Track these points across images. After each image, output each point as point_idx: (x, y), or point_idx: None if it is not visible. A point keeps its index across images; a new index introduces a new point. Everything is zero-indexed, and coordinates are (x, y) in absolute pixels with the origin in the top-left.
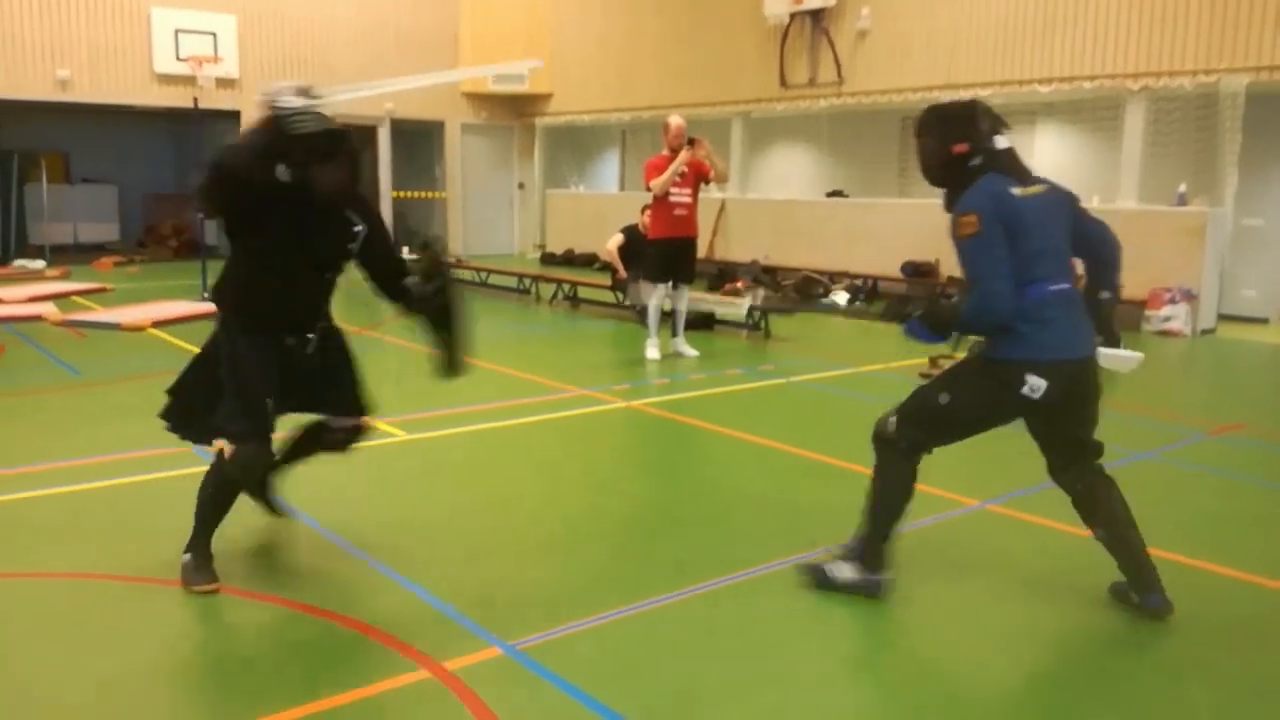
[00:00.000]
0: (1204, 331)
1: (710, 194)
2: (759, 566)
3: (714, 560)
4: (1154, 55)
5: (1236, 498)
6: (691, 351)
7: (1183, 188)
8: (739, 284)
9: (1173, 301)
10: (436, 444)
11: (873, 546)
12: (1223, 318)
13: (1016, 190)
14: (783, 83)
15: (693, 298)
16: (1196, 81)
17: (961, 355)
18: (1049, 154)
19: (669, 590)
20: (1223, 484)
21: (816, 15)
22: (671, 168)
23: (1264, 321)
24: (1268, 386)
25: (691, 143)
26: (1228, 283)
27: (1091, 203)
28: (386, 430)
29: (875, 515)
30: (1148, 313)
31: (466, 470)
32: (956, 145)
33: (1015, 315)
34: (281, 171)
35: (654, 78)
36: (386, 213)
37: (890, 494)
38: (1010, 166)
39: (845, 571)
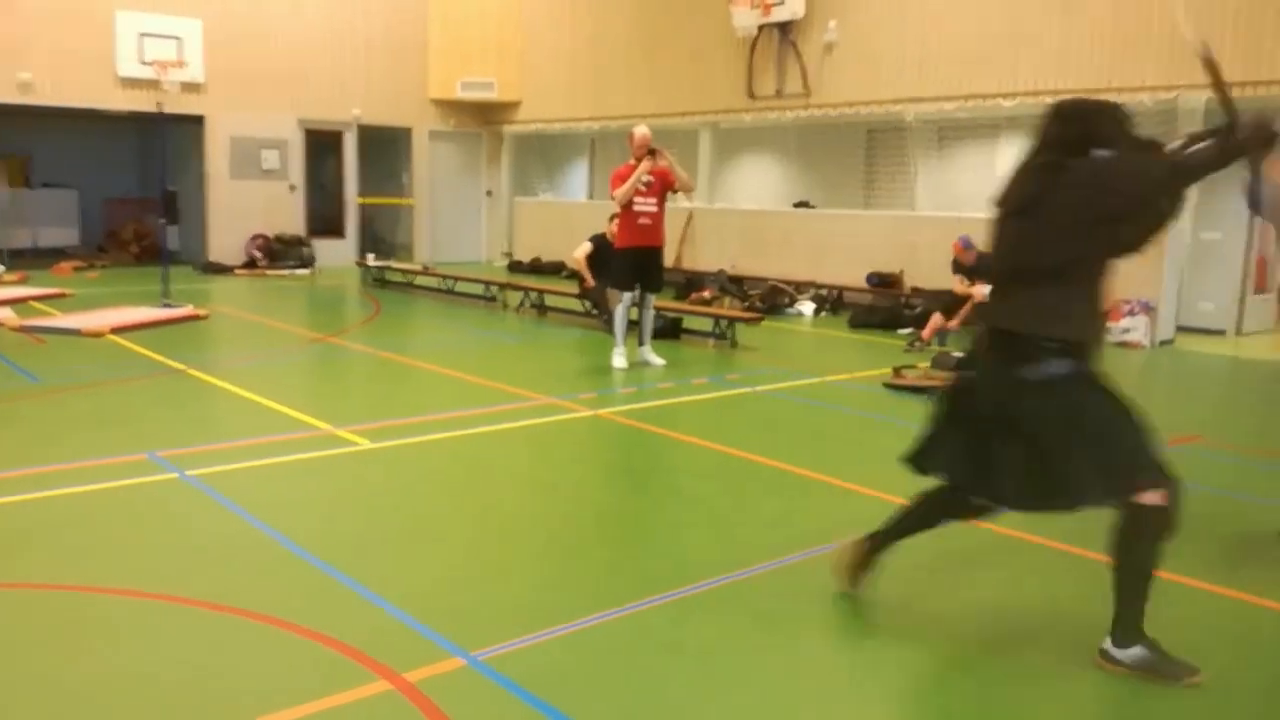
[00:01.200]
0: (1163, 343)
1: (678, 204)
2: (724, 576)
3: (679, 570)
4: (1115, 72)
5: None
6: (658, 360)
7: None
8: (706, 293)
9: (1132, 314)
10: (401, 453)
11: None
12: (1181, 329)
13: None
14: (751, 94)
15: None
16: (1156, 98)
17: (924, 366)
18: (1004, 169)
19: (634, 600)
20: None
21: (785, 27)
22: (632, 178)
23: (1221, 334)
24: (1223, 398)
25: (652, 153)
26: (1186, 295)
27: None
28: (349, 439)
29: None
30: (1108, 325)
31: (431, 480)
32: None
33: None
34: None
35: (623, 87)
36: (352, 220)
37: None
38: None
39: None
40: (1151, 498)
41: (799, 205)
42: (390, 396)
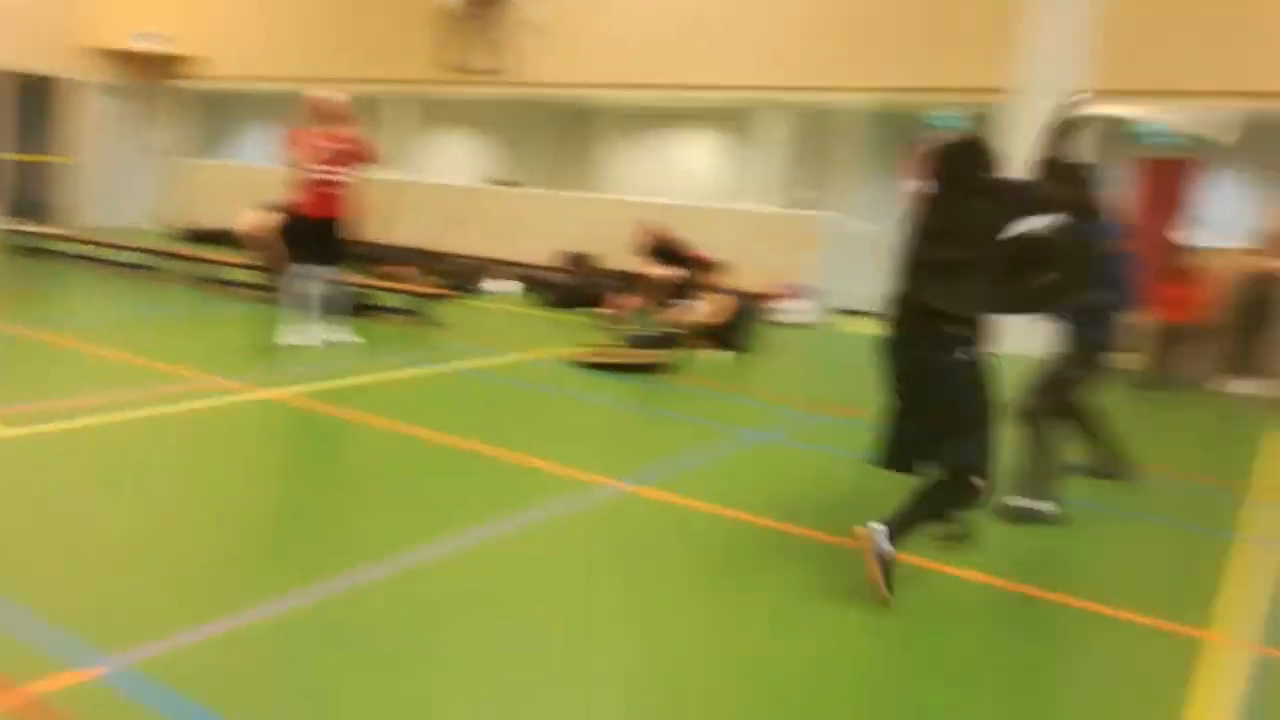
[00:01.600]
0: (822, 323)
1: (373, 175)
2: (396, 561)
3: (349, 557)
4: (790, 71)
5: (828, 474)
6: (346, 338)
7: (807, 193)
8: (400, 268)
9: (799, 296)
10: (42, 441)
11: None
12: (839, 311)
13: None
14: (452, 67)
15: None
16: (824, 99)
17: (613, 344)
18: (697, 156)
19: (298, 591)
20: (837, 461)
21: (490, 2)
22: (304, 144)
23: (873, 314)
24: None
25: (334, 119)
26: (844, 279)
27: (732, 205)
28: None
29: None
30: (778, 306)
31: (76, 470)
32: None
33: None
34: None
35: (314, 48)
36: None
37: None
38: None
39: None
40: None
41: (502, 183)
42: (32, 379)
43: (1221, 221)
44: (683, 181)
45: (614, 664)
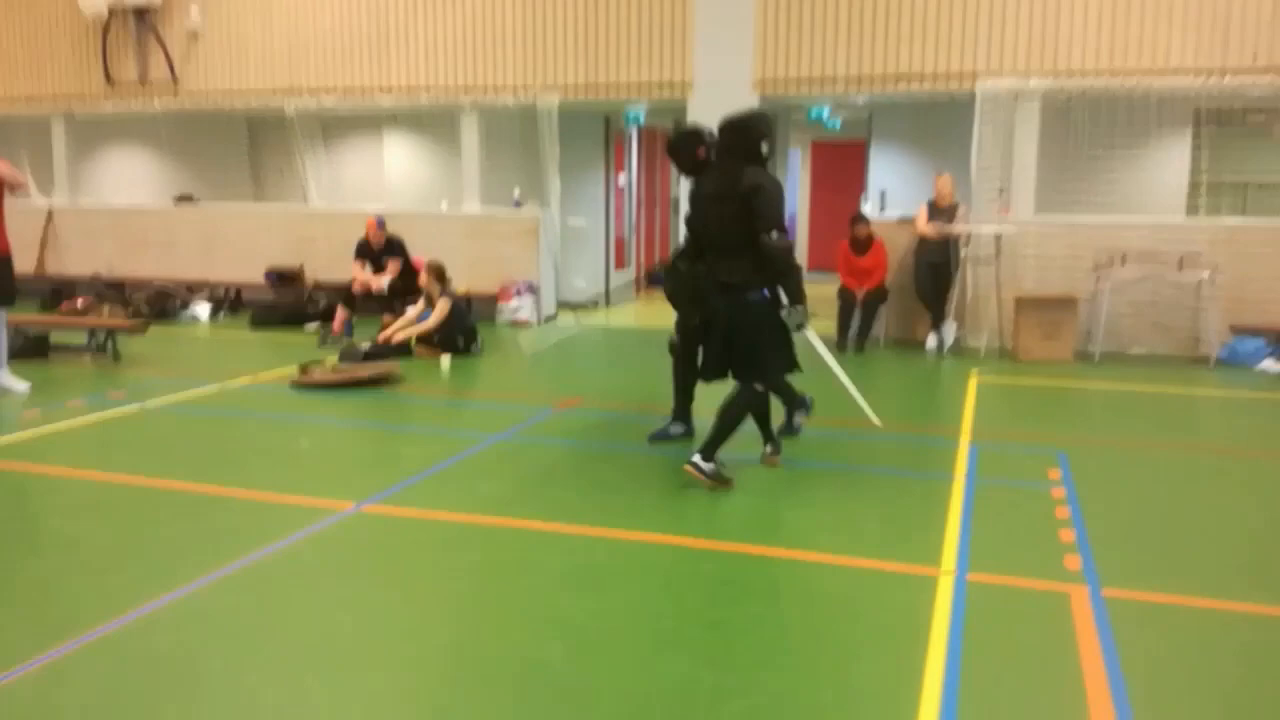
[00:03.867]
0: (548, 319)
1: (34, 202)
2: (114, 621)
3: (57, 629)
4: (481, 72)
5: (569, 461)
6: (20, 385)
7: (516, 192)
8: (79, 301)
9: (519, 294)
10: None
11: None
12: (562, 304)
13: None
14: (108, 79)
15: None
16: (517, 98)
17: (333, 360)
18: (398, 162)
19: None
20: (567, 452)
21: (141, 12)
22: None
23: (594, 306)
24: (600, 363)
25: None
26: (562, 274)
27: (441, 208)
28: None
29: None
30: (500, 305)
31: None
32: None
33: None
34: None
35: None
36: None
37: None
38: None
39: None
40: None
41: (181, 199)
42: None
43: (895, 195)
44: (391, 187)
45: (367, 678)
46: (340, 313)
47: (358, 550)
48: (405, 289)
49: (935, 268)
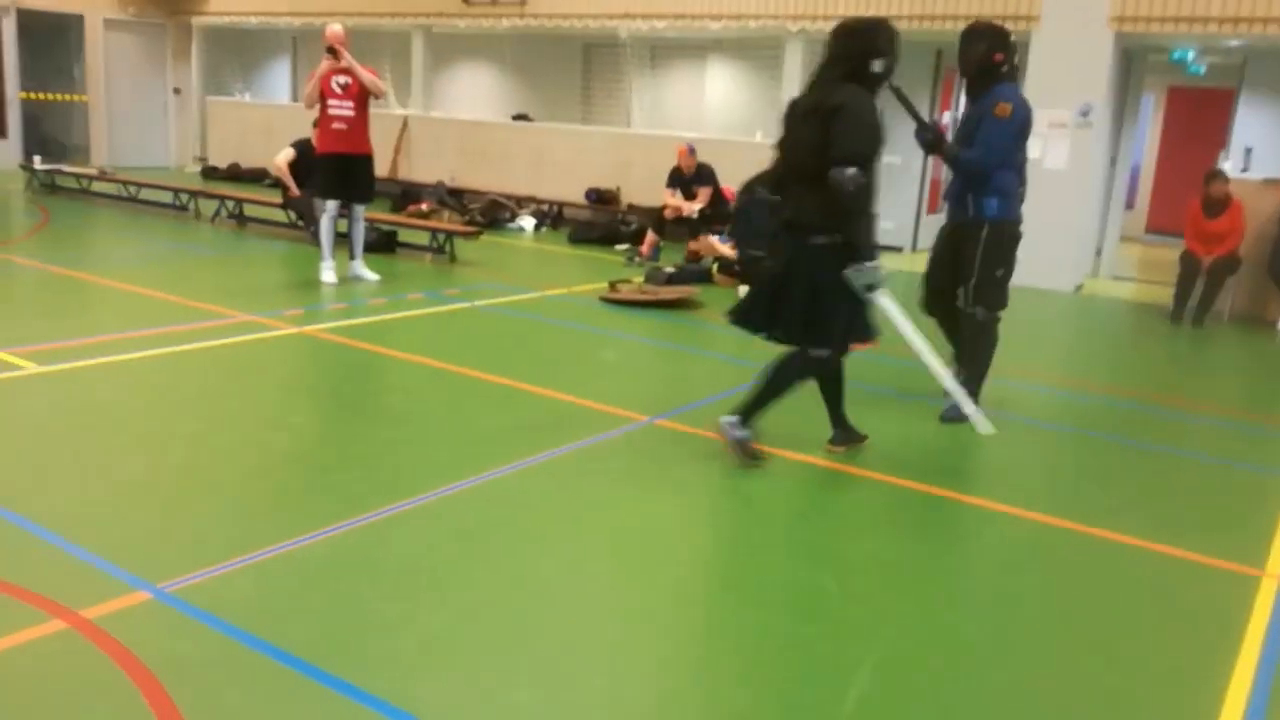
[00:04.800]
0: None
1: (392, 110)
2: (430, 493)
3: (384, 490)
4: (808, 1)
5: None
6: (371, 275)
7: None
8: (423, 205)
9: None
10: (76, 376)
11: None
12: None
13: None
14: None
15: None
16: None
17: (639, 280)
18: (719, 89)
19: (335, 523)
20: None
21: None
22: (313, 80)
23: (899, 250)
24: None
25: (332, 52)
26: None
27: (756, 138)
28: (12, 363)
29: (978, 366)
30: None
31: (111, 406)
32: (997, 54)
33: (989, 181)
34: None
35: None
36: (15, 118)
37: (981, 349)
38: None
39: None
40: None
41: (518, 118)
42: (63, 315)
43: (1262, 154)
44: (710, 115)
45: (671, 575)
46: (649, 236)
47: (647, 459)
48: (715, 216)
49: None
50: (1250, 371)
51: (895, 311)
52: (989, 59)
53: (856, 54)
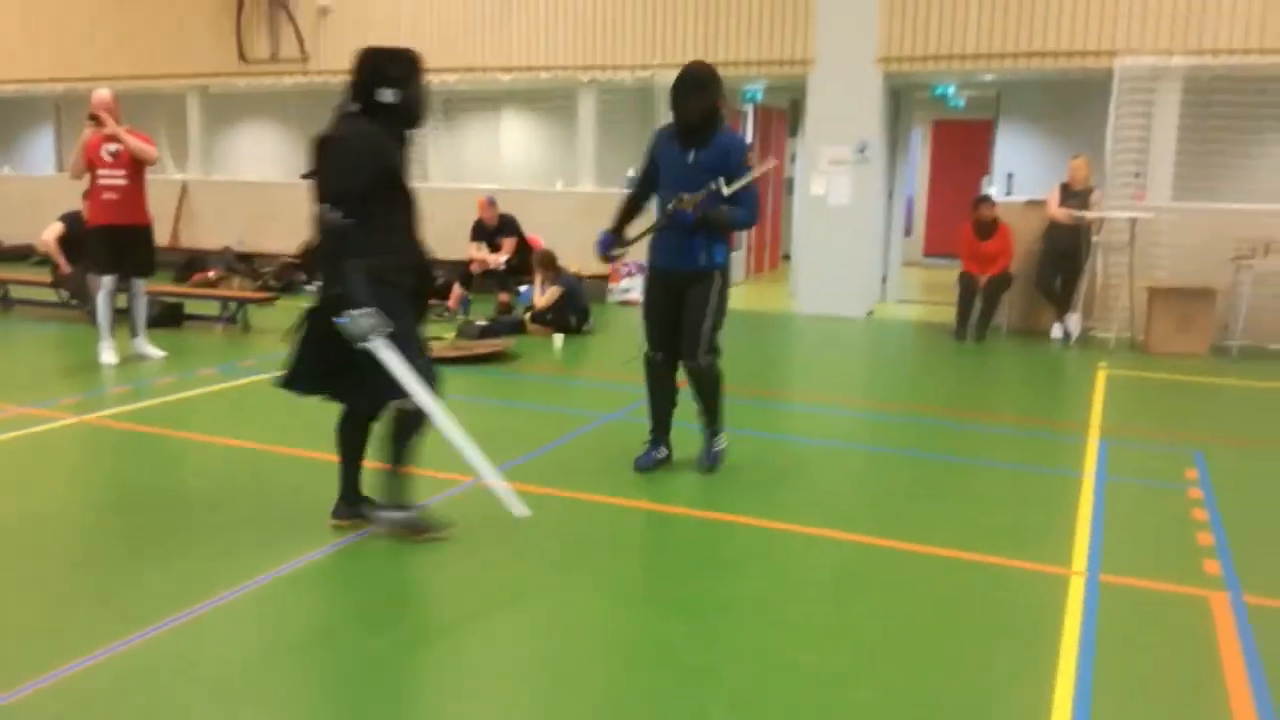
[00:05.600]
0: None
1: (170, 176)
2: (243, 585)
3: (186, 588)
4: (599, 51)
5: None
6: (156, 352)
7: (631, 171)
8: (210, 273)
9: (630, 274)
10: None
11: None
12: None
13: None
14: (242, 57)
15: None
16: (635, 75)
17: (451, 336)
18: (516, 139)
19: (144, 626)
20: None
21: None
22: (78, 149)
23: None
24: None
25: (94, 119)
26: None
27: (556, 186)
28: None
29: (719, 407)
30: (610, 286)
31: None
32: (719, 101)
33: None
34: None
35: (92, 45)
36: None
37: (721, 391)
38: None
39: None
40: (413, 405)
41: (309, 176)
42: None
43: (1023, 178)
44: (508, 166)
45: (508, 642)
46: (456, 290)
47: (480, 522)
48: (521, 266)
49: (1065, 255)
50: (1032, 379)
51: (401, 370)
52: (715, 105)
53: (365, 82)
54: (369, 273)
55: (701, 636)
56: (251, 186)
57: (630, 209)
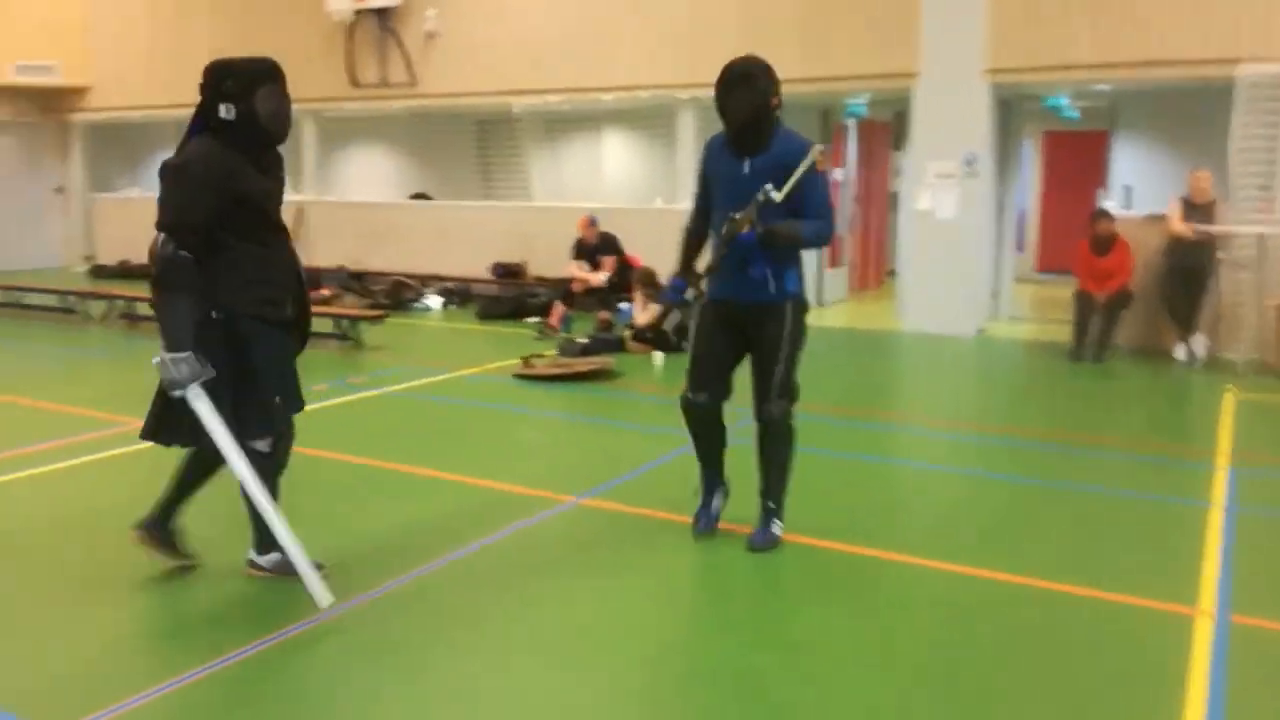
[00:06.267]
0: None
1: (288, 197)
2: (340, 606)
3: (283, 610)
4: (699, 69)
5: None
6: None
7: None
8: (324, 291)
9: None
10: None
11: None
12: None
13: None
14: (353, 81)
15: None
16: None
17: (552, 354)
18: (616, 158)
19: (247, 643)
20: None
21: (382, 14)
22: None
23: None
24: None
25: None
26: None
27: (655, 204)
28: None
29: (787, 479)
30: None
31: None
32: (775, 99)
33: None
34: None
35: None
36: None
37: (793, 454)
38: None
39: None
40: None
41: (416, 196)
42: None
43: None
44: (608, 184)
45: (606, 669)
46: (557, 308)
47: (579, 543)
48: (622, 284)
49: (1189, 272)
50: (1154, 402)
51: (214, 423)
52: (768, 103)
53: (206, 98)
54: (246, 307)
55: (797, 670)
56: (363, 207)
57: (693, 244)
